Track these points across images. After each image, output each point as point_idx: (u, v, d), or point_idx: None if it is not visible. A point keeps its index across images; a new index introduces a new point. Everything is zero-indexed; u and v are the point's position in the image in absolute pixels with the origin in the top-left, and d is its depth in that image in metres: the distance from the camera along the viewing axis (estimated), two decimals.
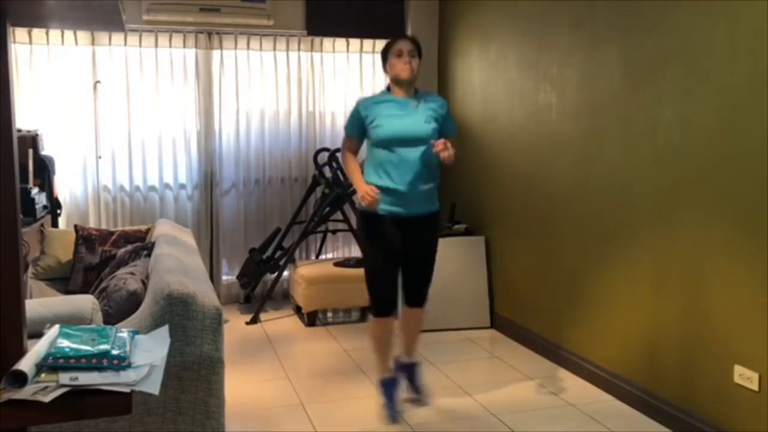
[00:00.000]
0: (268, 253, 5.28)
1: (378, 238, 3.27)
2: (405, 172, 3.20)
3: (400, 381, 3.49)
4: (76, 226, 4.26)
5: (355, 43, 5.63)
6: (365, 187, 3.18)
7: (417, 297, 3.45)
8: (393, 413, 3.33)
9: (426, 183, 3.26)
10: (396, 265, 3.33)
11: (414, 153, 3.21)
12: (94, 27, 3.68)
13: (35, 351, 1.38)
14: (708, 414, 3.03)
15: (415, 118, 3.24)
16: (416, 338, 3.58)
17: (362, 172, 3.33)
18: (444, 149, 3.12)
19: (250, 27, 5.33)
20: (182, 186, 5.37)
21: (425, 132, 3.23)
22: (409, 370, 3.56)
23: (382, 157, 3.23)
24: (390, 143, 3.21)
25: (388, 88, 3.38)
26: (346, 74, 5.66)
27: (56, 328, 1.48)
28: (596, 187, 3.75)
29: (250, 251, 5.29)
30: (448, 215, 5.08)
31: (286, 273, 5.44)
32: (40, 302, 2.41)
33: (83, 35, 5.04)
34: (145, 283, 2.82)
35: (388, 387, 3.41)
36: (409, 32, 5.56)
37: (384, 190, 3.21)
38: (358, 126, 3.33)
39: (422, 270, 3.40)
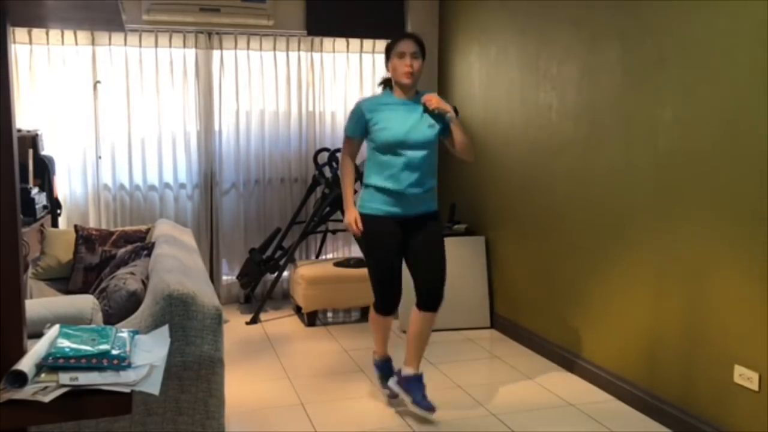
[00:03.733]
0: (268, 253, 5.28)
1: (379, 238, 3.29)
2: (407, 176, 3.22)
3: (403, 394, 3.37)
4: (76, 226, 4.26)
5: (355, 43, 5.63)
6: (353, 213, 3.29)
7: (432, 298, 3.28)
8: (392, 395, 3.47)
9: (427, 185, 3.28)
10: (398, 262, 3.34)
11: (416, 156, 3.22)
12: (94, 27, 3.67)
13: (35, 351, 1.38)
14: (708, 414, 3.03)
15: (418, 122, 3.25)
16: (424, 347, 3.40)
17: (359, 174, 3.36)
18: (435, 102, 3.22)
19: (250, 27, 5.33)
20: (182, 186, 5.37)
21: (428, 136, 3.25)
22: (415, 383, 3.34)
23: (384, 159, 3.24)
24: (393, 147, 3.22)
25: (388, 85, 3.38)
26: (346, 74, 5.66)
27: (56, 328, 1.48)
28: (596, 186, 3.75)
29: (250, 251, 5.29)
30: (448, 215, 5.08)
31: (286, 273, 5.44)
32: (40, 302, 2.41)
33: (83, 35, 5.04)
34: (145, 283, 2.82)
35: (383, 366, 3.57)
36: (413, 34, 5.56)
37: (385, 191, 3.24)
38: (360, 127, 3.32)
39: (432, 270, 3.29)
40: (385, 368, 3.58)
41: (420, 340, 3.36)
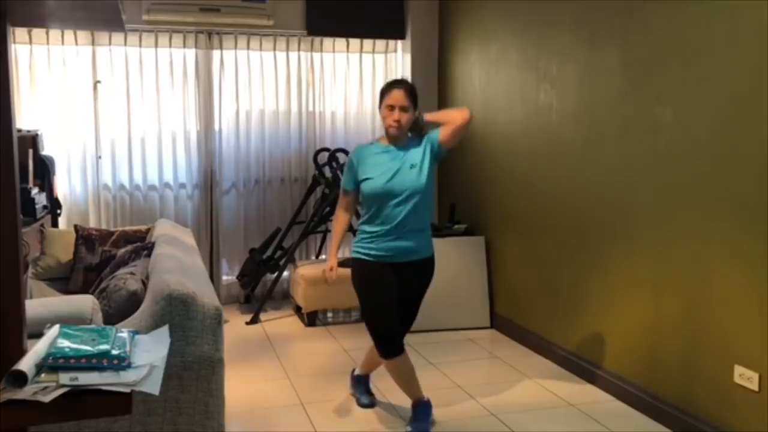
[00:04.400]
0: (268, 253, 5.28)
1: (373, 283, 3.18)
2: (397, 225, 3.12)
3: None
4: (76, 226, 4.26)
5: (355, 43, 5.63)
6: (331, 262, 3.30)
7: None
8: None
9: (418, 233, 3.18)
10: (394, 303, 3.17)
11: (405, 206, 3.13)
12: (94, 27, 3.68)
13: (35, 351, 1.38)
14: (708, 414, 3.03)
15: (407, 172, 3.14)
16: (412, 382, 3.27)
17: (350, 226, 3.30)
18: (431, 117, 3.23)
19: (250, 27, 5.33)
20: (182, 186, 5.37)
21: (416, 186, 3.14)
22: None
23: (374, 208, 3.17)
24: (380, 196, 3.14)
25: (381, 137, 3.32)
26: (346, 74, 5.66)
27: (56, 328, 1.48)
28: (596, 186, 3.75)
29: (250, 251, 5.29)
30: (448, 215, 5.08)
31: (286, 273, 5.44)
32: (40, 302, 2.41)
33: (83, 35, 5.04)
34: (145, 283, 2.82)
35: (363, 384, 3.54)
36: (409, 33, 5.57)
37: (377, 239, 3.16)
38: (353, 178, 3.24)
39: (407, 318, 3.27)
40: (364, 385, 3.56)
41: (406, 382, 3.27)
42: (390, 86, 3.24)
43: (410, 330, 3.33)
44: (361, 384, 3.58)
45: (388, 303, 3.16)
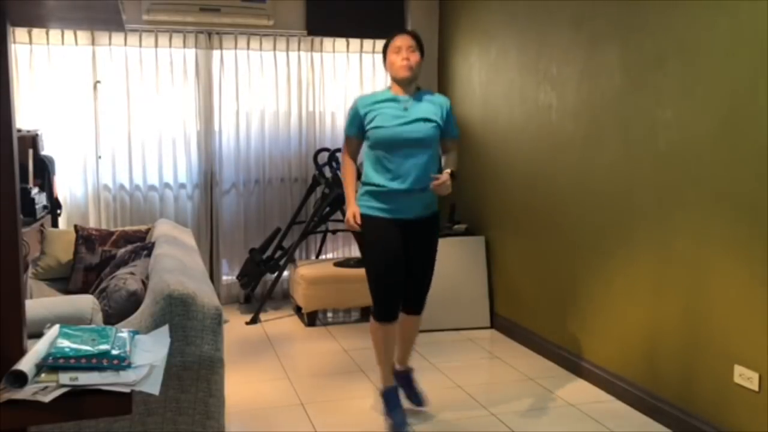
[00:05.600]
0: (268, 253, 5.28)
1: (379, 241, 3.16)
2: (404, 174, 3.11)
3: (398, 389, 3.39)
4: (76, 226, 4.26)
5: (355, 43, 5.63)
6: (353, 209, 3.20)
7: (415, 304, 3.33)
8: (400, 424, 3.20)
9: (426, 185, 3.14)
10: (400, 267, 3.18)
11: (414, 154, 3.12)
12: (94, 27, 3.68)
13: (35, 351, 1.38)
14: (708, 414, 3.03)
15: (416, 119, 3.15)
16: (411, 346, 3.47)
17: (359, 175, 3.31)
18: (439, 185, 3.08)
19: (250, 27, 5.33)
20: (182, 186, 5.37)
21: (425, 134, 3.14)
22: (406, 378, 3.46)
23: (381, 158, 3.15)
24: (389, 145, 3.12)
25: (389, 86, 3.31)
26: (346, 74, 5.66)
27: (56, 328, 1.48)
28: (596, 186, 3.75)
29: (250, 251, 5.29)
30: (448, 215, 5.08)
31: (286, 273, 5.44)
32: (40, 302, 2.41)
33: (83, 35, 5.04)
34: (145, 283, 2.82)
35: (392, 398, 3.29)
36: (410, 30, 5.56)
37: (383, 192, 3.14)
38: (357, 125, 3.22)
39: (422, 276, 3.28)
40: (395, 400, 3.29)
41: (409, 341, 3.42)
42: (393, 35, 3.24)
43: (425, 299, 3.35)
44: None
45: (396, 268, 3.16)
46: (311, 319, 4.99)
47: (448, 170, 3.17)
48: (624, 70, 3.50)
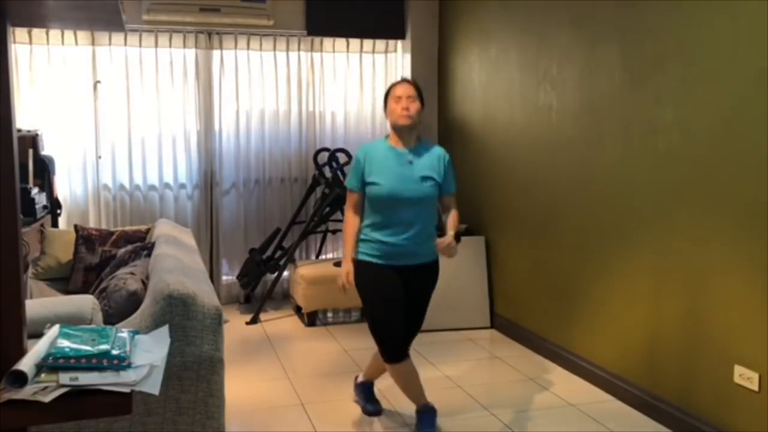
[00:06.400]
0: (268, 253, 5.28)
1: (378, 285, 3.10)
2: (402, 230, 3.05)
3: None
4: (76, 226, 4.26)
5: (355, 43, 5.63)
6: (346, 267, 3.12)
7: (405, 348, 3.17)
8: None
9: (424, 238, 3.11)
10: (400, 308, 3.09)
11: (411, 211, 3.06)
12: (94, 27, 3.68)
13: (35, 351, 1.38)
14: (708, 414, 3.03)
15: (414, 178, 3.07)
16: (417, 388, 3.23)
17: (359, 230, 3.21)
18: (445, 248, 3.03)
19: (250, 27, 5.33)
20: (182, 186, 5.37)
21: (425, 193, 3.08)
22: (426, 418, 3.21)
23: (380, 211, 3.09)
24: (387, 202, 3.06)
25: (388, 135, 3.21)
26: (346, 74, 5.66)
27: (56, 328, 1.48)
28: (596, 187, 3.75)
29: (250, 251, 5.29)
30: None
31: (286, 273, 5.44)
32: (40, 302, 2.41)
33: (83, 35, 5.04)
34: (145, 283, 2.82)
35: (367, 392, 3.42)
36: (409, 33, 5.57)
37: (381, 243, 3.08)
38: (359, 178, 3.13)
39: (414, 322, 3.18)
40: (370, 393, 3.44)
41: (409, 390, 3.23)
42: (393, 84, 3.20)
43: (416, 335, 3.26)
44: (364, 391, 3.50)
45: (396, 307, 3.08)
46: (311, 319, 4.99)
47: (452, 232, 3.09)
48: (624, 70, 3.50)
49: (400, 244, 3.05)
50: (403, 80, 3.24)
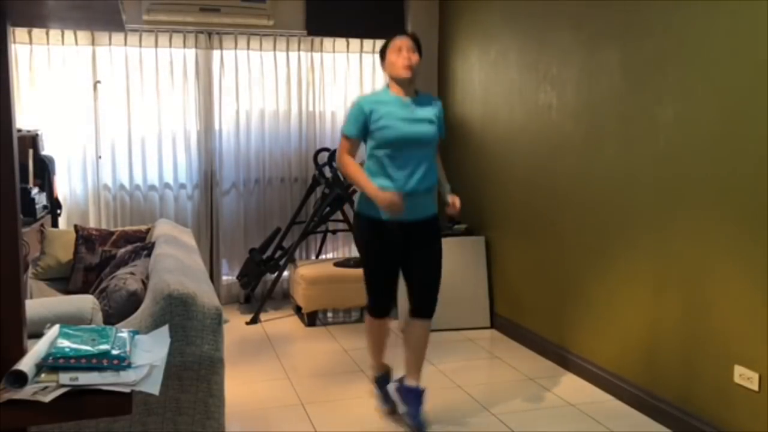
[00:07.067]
0: (268, 253, 5.28)
1: (379, 242, 3.17)
2: (409, 174, 3.11)
3: (398, 403, 3.37)
4: (76, 226, 4.26)
5: (355, 43, 5.63)
6: (385, 193, 3.02)
7: (425, 307, 3.26)
8: (390, 406, 3.39)
9: (428, 185, 3.18)
10: (397, 266, 3.24)
11: (418, 154, 3.14)
12: (94, 27, 3.68)
13: (35, 351, 1.38)
14: (708, 414, 3.03)
15: (419, 120, 3.17)
16: (423, 355, 3.31)
17: None
18: (456, 210, 3.30)
19: (250, 27, 5.33)
20: (182, 186, 5.37)
21: (429, 134, 3.18)
22: (413, 396, 3.26)
23: (386, 158, 3.12)
24: (396, 145, 3.11)
25: (388, 86, 3.29)
26: (346, 74, 5.67)
27: (56, 328, 1.48)
28: (596, 186, 3.75)
29: (250, 251, 5.29)
30: (448, 215, 5.07)
31: (286, 273, 5.44)
32: (40, 302, 2.41)
33: (83, 35, 5.04)
34: (145, 283, 2.82)
35: (382, 383, 3.44)
36: (409, 32, 5.56)
37: (388, 190, 3.10)
38: (361, 124, 3.15)
39: (425, 277, 3.25)
40: (386, 384, 3.42)
41: (418, 349, 3.29)
42: (392, 37, 3.25)
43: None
44: (381, 388, 3.44)
45: (392, 262, 3.23)
46: (311, 319, 4.99)
47: (454, 195, 3.33)
48: (624, 70, 3.50)
49: (405, 189, 3.08)
50: (403, 33, 3.30)
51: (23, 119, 4.80)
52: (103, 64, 5.09)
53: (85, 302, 2.42)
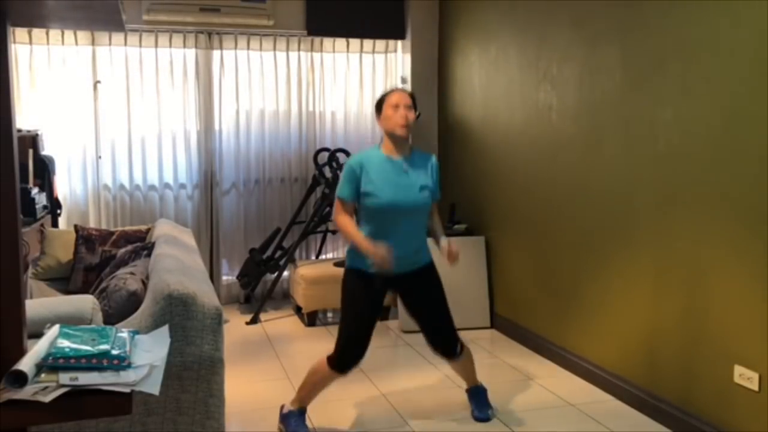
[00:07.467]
0: (268, 253, 5.29)
1: (364, 296, 3.08)
2: (399, 238, 3.01)
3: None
4: (76, 226, 4.26)
5: (355, 43, 5.63)
6: (376, 248, 2.91)
7: (448, 347, 3.25)
8: None
9: (418, 245, 3.13)
10: (374, 322, 3.10)
11: (408, 220, 3.07)
12: (94, 27, 3.68)
13: (35, 351, 1.38)
14: (708, 414, 3.03)
15: (410, 187, 3.05)
16: (473, 370, 3.44)
17: None
18: (454, 260, 3.13)
19: (250, 27, 5.33)
20: (182, 186, 5.37)
21: (420, 202, 3.08)
22: (479, 394, 3.44)
23: (376, 222, 3.06)
24: (386, 212, 3.04)
25: (381, 144, 3.16)
26: (346, 74, 5.67)
27: (56, 328, 1.48)
28: (596, 186, 3.75)
29: (250, 251, 5.29)
30: (448, 215, 5.08)
31: (286, 273, 5.44)
32: (40, 302, 2.41)
33: (83, 35, 5.04)
34: (145, 283, 2.82)
35: (297, 417, 3.22)
36: (409, 33, 5.57)
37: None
38: (353, 186, 3.04)
39: (437, 318, 3.24)
40: (302, 420, 3.21)
41: (467, 371, 3.43)
42: (388, 92, 3.17)
43: (422, 331, 3.32)
44: (297, 422, 3.23)
45: (366, 326, 3.08)
46: (311, 319, 4.99)
47: (452, 243, 3.14)
48: (624, 70, 3.50)
49: (396, 254, 2.94)
50: (398, 88, 3.22)
51: (23, 119, 4.80)
52: (103, 64, 5.09)
53: (85, 302, 2.42)
